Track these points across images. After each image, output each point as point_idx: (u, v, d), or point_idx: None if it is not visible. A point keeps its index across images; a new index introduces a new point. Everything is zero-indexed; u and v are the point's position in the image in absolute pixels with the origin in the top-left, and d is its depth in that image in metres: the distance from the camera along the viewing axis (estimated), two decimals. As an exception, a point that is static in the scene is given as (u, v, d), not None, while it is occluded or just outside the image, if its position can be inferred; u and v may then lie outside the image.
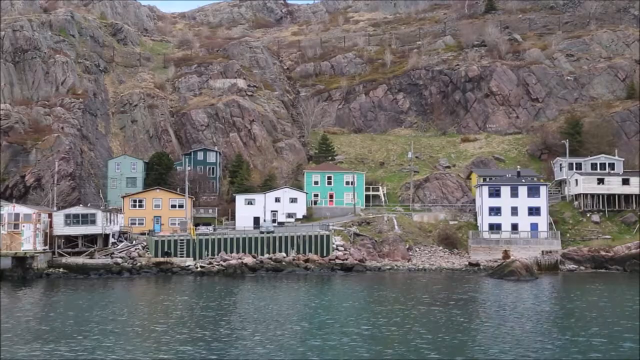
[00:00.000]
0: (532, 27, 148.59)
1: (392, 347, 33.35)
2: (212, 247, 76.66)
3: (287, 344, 33.89)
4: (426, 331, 37.46)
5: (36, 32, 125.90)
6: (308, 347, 32.98)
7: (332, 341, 34.62)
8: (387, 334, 36.74)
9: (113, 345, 33.42)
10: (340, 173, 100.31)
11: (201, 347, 33.12)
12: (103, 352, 31.84)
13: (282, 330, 37.80)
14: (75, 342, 34.40)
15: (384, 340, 35.01)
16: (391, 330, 37.79)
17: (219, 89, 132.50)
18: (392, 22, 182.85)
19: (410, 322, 40.69)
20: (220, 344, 33.79)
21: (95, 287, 61.18)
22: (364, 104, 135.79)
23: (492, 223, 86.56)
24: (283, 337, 35.55)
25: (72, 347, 33.11)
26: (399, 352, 32.23)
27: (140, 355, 31.45)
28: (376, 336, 36.25)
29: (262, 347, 33.14)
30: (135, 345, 33.62)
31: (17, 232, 69.35)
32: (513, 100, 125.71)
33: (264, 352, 31.89)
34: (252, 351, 32.23)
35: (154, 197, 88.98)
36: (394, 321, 41.01)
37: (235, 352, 32.14)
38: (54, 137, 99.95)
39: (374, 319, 41.82)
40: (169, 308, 47.63)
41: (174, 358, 31.04)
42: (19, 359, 30.72)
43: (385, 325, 39.63)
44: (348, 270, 75.35)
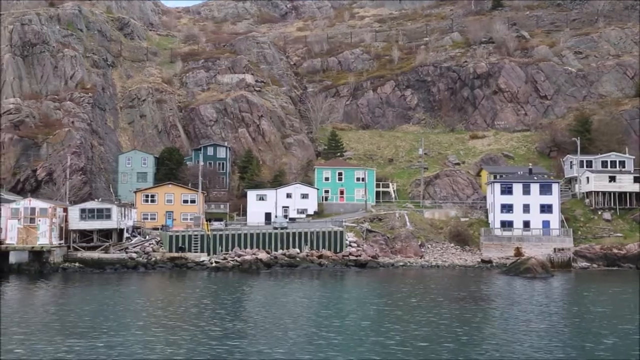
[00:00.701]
0: (540, 24, 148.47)
1: (435, 348, 33.45)
2: (225, 243, 76.70)
3: (319, 342, 34.03)
4: (462, 329, 37.27)
5: (44, 26, 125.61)
6: (340, 346, 33.13)
7: (367, 339, 34.78)
8: (423, 333, 36.50)
9: (134, 339, 33.59)
10: (351, 169, 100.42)
11: (222, 342, 33.28)
12: (124, 347, 31.97)
13: (311, 327, 37.99)
14: (99, 335, 34.55)
15: (426, 340, 34.84)
16: (426, 330, 37.59)
17: (227, 84, 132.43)
18: (398, 18, 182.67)
19: (444, 321, 40.27)
20: (246, 340, 33.98)
21: (113, 281, 61.34)
22: (372, 100, 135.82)
23: (504, 220, 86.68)
24: (311, 334, 35.74)
25: (99, 341, 33.27)
26: (441, 352, 32.40)
27: (160, 349, 31.61)
28: (412, 335, 36.32)
29: (290, 343, 33.32)
30: (156, 340, 33.74)
31: (33, 227, 69.39)
32: (521, 97, 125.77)
33: (293, 348, 32.08)
34: (280, 348, 32.42)
35: (166, 192, 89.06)
36: (427, 319, 40.85)
37: (262, 347, 32.27)
38: (64, 132, 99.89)
39: (405, 317, 41.84)
40: (189, 303, 47.74)
41: (197, 354, 31.15)
42: (39, 353, 30.77)
43: (421, 324, 39.28)
44: (362, 267, 75.55)
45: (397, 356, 30.81)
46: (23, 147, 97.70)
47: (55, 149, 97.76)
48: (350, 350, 31.89)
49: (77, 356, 30.16)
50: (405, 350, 32.02)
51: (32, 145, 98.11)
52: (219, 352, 31.24)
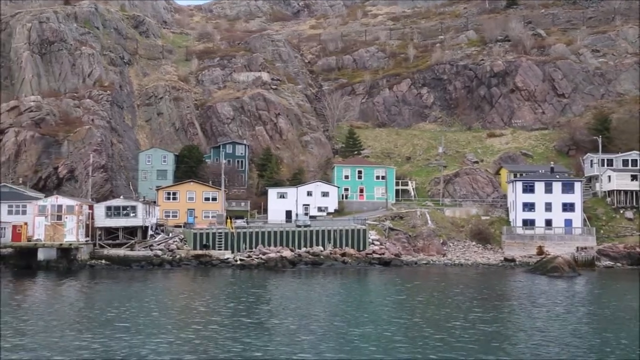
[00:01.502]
0: (556, 23, 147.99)
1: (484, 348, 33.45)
2: (249, 240, 76.87)
3: (361, 340, 34.14)
4: (514, 330, 37.02)
5: (62, 24, 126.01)
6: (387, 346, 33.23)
7: (420, 339, 34.87)
8: (472, 335, 36.09)
9: (170, 336, 33.80)
10: (371, 167, 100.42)
11: (260, 339, 33.44)
12: (157, 345, 32.17)
13: (348, 324, 38.13)
14: (142, 331, 34.77)
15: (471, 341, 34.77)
16: (473, 330, 37.22)
17: (243, 82, 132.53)
18: (412, 16, 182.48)
19: (489, 322, 39.55)
20: (285, 338, 34.10)
21: (140, 278, 61.63)
22: (388, 98, 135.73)
23: (526, 219, 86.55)
24: (348, 331, 35.88)
25: (136, 336, 33.47)
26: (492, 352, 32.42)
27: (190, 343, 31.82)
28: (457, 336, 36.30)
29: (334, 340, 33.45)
30: (189, 337, 33.95)
31: (60, 224, 69.76)
32: (539, 96, 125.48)
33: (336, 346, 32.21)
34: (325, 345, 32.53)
35: (188, 189, 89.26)
36: (468, 319, 40.48)
37: (300, 346, 32.40)
38: (85, 129, 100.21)
39: (448, 319, 41.42)
40: (221, 300, 47.90)
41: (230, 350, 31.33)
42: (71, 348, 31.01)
43: (464, 324, 38.76)
44: (386, 265, 75.58)
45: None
46: (44, 144, 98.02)
47: (76, 147, 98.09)
48: (391, 349, 31.93)
49: (114, 354, 30.30)
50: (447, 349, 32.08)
51: (53, 143, 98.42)
52: (256, 349, 31.37)
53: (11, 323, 37.20)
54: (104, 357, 29.48)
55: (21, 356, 29.47)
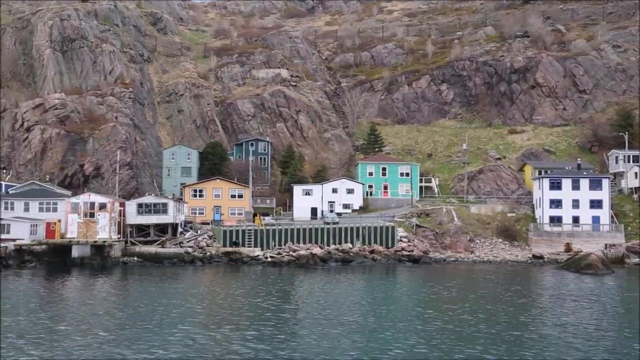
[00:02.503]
0: (575, 18, 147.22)
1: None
2: (278, 237, 77.03)
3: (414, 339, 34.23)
4: (575, 332, 36.35)
5: (83, 21, 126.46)
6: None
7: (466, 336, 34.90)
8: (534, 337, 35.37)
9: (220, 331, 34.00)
10: (395, 164, 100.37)
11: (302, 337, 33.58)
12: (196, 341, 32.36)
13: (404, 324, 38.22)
14: (192, 326, 35.00)
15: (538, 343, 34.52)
16: (536, 332, 36.59)
17: (263, 79, 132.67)
18: (428, 12, 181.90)
19: (547, 324, 38.64)
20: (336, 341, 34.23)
21: (175, 275, 61.85)
22: (407, 94, 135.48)
23: (553, 215, 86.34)
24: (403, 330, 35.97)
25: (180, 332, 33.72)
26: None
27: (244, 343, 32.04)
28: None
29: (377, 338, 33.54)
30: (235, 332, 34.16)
31: (93, 221, 70.12)
32: (560, 92, 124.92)
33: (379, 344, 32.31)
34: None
35: (214, 187, 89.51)
36: (521, 319, 40.07)
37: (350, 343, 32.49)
38: (110, 127, 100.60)
39: (502, 318, 41.40)
40: (262, 297, 48.05)
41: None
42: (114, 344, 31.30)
43: (539, 325, 38.12)
44: (415, 262, 75.55)
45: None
46: (70, 142, 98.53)
47: (101, 144, 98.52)
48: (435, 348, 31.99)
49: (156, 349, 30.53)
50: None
51: (79, 140, 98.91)
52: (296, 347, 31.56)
53: (89, 319, 37.48)
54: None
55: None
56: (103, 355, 29.55)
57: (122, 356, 29.35)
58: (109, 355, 29.51)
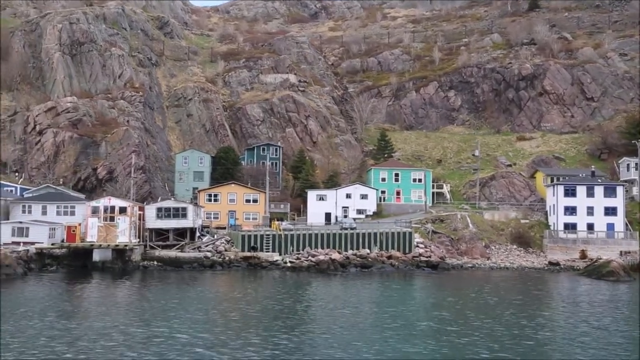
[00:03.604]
0: (581, 26, 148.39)
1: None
2: (296, 243, 76.94)
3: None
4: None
5: (92, 25, 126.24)
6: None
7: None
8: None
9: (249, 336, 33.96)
10: (408, 170, 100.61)
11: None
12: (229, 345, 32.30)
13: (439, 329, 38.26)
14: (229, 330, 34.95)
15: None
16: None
17: (271, 84, 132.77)
18: (432, 18, 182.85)
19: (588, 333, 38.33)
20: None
21: (197, 279, 61.73)
22: (415, 100, 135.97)
23: (568, 222, 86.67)
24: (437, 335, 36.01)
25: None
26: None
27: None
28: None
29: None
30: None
31: (113, 225, 69.80)
32: (567, 99, 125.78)
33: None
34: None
35: (229, 191, 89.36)
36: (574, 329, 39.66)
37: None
38: (122, 130, 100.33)
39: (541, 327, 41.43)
40: (294, 303, 48.03)
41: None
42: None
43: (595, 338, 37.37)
44: (433, 268, 75.61)
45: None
46: (82, 145, 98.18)
47: (114, 148, 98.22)
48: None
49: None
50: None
51: (91, 144, 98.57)
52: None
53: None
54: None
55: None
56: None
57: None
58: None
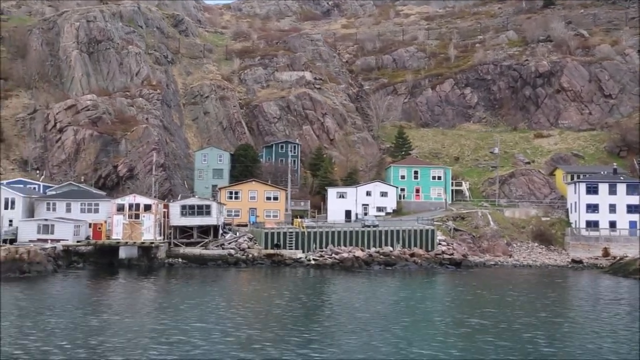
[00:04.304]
0: (597, 23, 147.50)
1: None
2: (319, 240, 76.96)
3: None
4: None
5: (108, 23, 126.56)
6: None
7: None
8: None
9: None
10: (427, 168, 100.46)
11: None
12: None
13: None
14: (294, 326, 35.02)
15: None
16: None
17: (286, 81, 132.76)
18: (445, 16, 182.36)
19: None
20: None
21: (226, 277, 61.94)
22: (431, 98, 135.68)
23: (590, 220, 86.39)
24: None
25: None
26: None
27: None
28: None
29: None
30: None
31: (138, 222, 70.01)
32: (585, 97, 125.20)
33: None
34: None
35: (250, 189, 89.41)
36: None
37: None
38: (142, 128, 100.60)
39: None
40: (326, 300, 48.00)
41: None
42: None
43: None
44: (457, 265, 75.47)
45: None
46: (102, 143, 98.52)
47: (134, 146, 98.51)
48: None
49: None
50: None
51: (111, 142, 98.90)
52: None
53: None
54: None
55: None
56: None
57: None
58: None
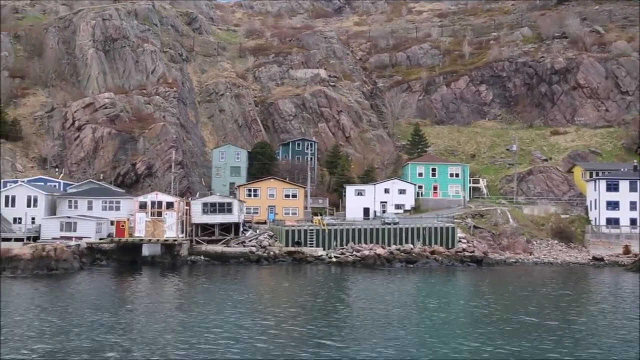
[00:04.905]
0: (613, 19, 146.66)
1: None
2: (340, 238, 76.97)
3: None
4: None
5: (124, 21, 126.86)
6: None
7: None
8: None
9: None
10: (445, 165, 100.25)
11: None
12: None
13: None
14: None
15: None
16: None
17: (301, 79, 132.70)
18: (458, 12, 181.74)
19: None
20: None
21: (250, 274, 62.13)
22: (446, 95, 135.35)
23: (610, 217, 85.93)
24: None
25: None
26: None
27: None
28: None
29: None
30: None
31: (160, 220, 70.27)
32: (602, 93, 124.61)
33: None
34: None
35: (269, 186, 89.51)
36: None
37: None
38: (160, 126, 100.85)
39: None
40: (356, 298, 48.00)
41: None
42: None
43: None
44: (478, 263, 75.35)
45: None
46: (121, 141, 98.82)
47: (152, 143, 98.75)
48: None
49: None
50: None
51: (129, 140, 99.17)
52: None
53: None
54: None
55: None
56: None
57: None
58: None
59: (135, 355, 28.72)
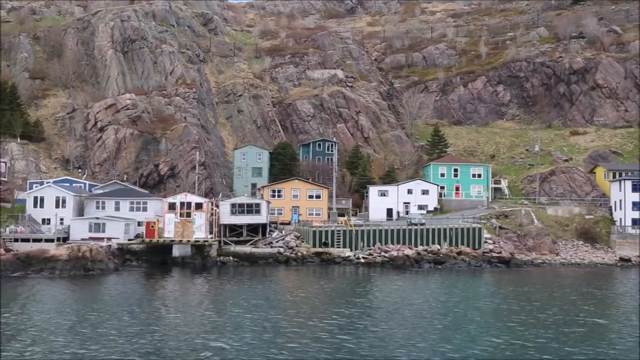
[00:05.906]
0: (630, 19, 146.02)
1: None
2: (367, 239, 76.93)
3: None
4: None
5: (142, 22, 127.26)
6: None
7: None
8: None
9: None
10: (467, 165, 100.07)
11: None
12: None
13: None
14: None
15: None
16: None
17: (318, 79, 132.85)
18: (472, 12, 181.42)
19: None
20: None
21: (282, 275, 62.08)
22: (463, 95, 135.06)
23: (636, 218, 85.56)
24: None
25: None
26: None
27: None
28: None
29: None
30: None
31: (189, 221, 70.35)
32: (621, 93, 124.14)
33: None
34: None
35: (292, 187, 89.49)
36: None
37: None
38: (182, 127, 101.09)
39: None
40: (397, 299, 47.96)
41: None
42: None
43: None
44: (506, 264, 75.13)
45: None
46: (143, 142, 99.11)
47: (174, 144, 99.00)
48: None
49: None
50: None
51: (152, 141, 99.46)
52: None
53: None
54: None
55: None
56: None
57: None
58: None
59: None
